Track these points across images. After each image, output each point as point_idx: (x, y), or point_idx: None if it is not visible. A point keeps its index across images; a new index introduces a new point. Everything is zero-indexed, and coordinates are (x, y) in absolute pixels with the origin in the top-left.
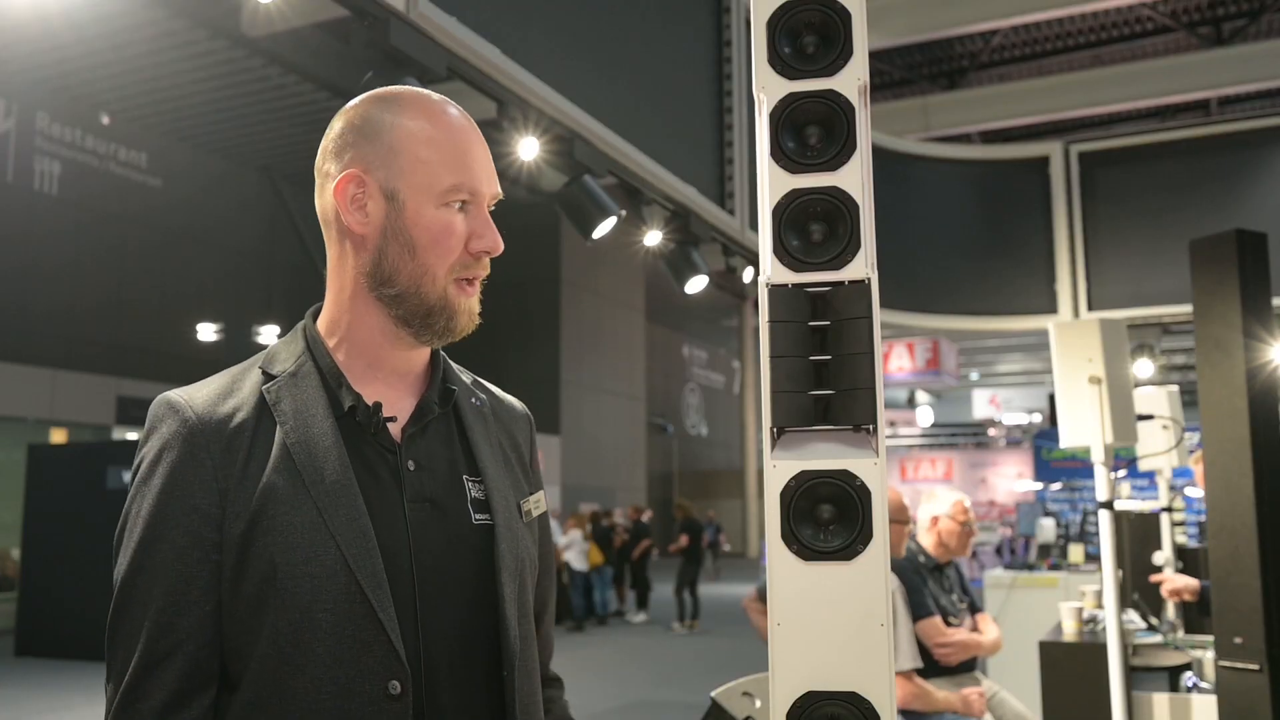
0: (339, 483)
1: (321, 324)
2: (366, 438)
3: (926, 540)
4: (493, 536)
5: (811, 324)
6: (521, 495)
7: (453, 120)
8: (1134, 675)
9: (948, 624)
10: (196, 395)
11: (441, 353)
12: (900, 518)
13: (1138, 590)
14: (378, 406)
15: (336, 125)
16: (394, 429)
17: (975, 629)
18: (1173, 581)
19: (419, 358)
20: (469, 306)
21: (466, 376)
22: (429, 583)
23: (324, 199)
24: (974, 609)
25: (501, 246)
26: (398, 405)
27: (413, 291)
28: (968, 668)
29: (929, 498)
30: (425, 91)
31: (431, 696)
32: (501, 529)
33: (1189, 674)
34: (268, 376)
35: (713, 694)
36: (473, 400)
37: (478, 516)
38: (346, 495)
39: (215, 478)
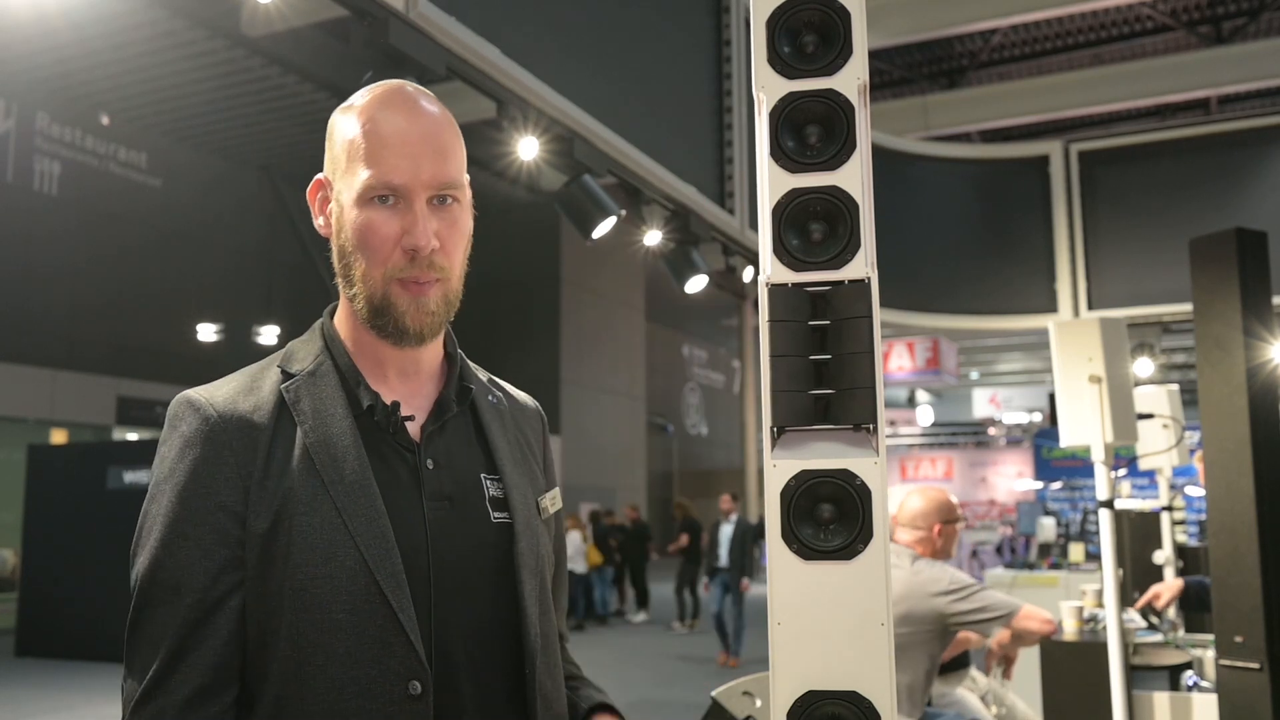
0: (358, 483)
1: (336, 323)
2: (385, 437)
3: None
4: (512, 534)
5: (811, 323)
6: (539, 492)
7: (384, 113)
8: (1134, 674)
9: None
10: (216, 393)
11: (459, 351)
12: (952, 517)
13: (1138, 589)
14: (396, 405)
15: None
16: (412, 428)
17: None
18: (1158, 594)
19: (425, 356)
20: (416, 306)
21: (483, 375)
22: (448, 581)
23: None
24: None
25: (427, 244)
26: (415, 404)
27: (362, 293)
28: (961, 664)
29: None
30: (387, 85)
31: (453, 696)
32: (521, 526)
33: (1189, 673)
34: (286, 375)
35: (713, 693)
36: (489, 398)
37: (496, 514)
38: (365, 495)
39: (239, 474)
